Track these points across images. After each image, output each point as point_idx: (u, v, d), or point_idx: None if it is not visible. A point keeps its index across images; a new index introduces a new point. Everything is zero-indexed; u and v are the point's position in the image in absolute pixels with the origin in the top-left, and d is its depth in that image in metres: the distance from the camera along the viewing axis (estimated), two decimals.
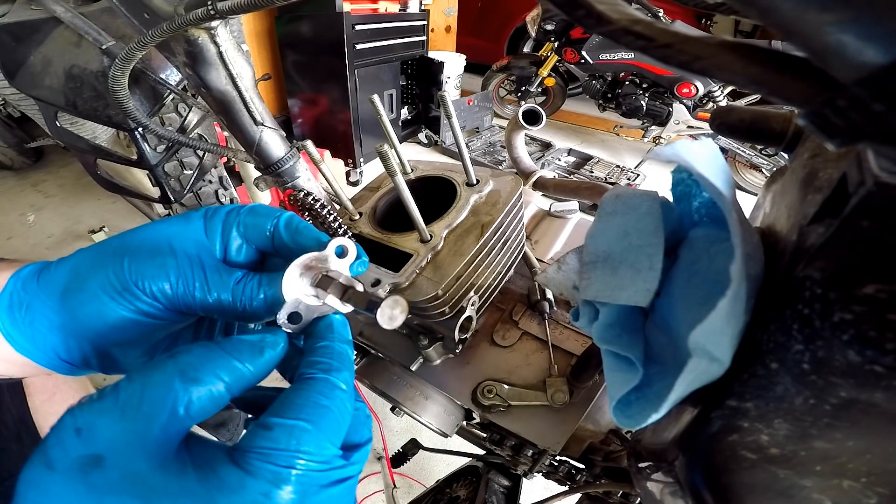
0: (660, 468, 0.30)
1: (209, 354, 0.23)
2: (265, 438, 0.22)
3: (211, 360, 0.23)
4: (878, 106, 0.12)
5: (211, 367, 0.23)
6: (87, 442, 0.20)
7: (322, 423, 0.23)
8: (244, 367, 0.24)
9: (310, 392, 0.24)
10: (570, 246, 0.70)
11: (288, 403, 0.23)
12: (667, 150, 0.24)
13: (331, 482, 0.23)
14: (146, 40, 0.44)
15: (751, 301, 0.21)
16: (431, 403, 0.56)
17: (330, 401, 0.24)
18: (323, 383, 0.25)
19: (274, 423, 0.22)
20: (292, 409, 0.23)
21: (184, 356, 0.23)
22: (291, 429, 0.22)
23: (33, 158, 2.59)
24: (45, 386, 0.74)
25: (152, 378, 0.22)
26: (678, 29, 0.17)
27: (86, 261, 0.28)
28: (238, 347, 0.25)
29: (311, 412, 0.23)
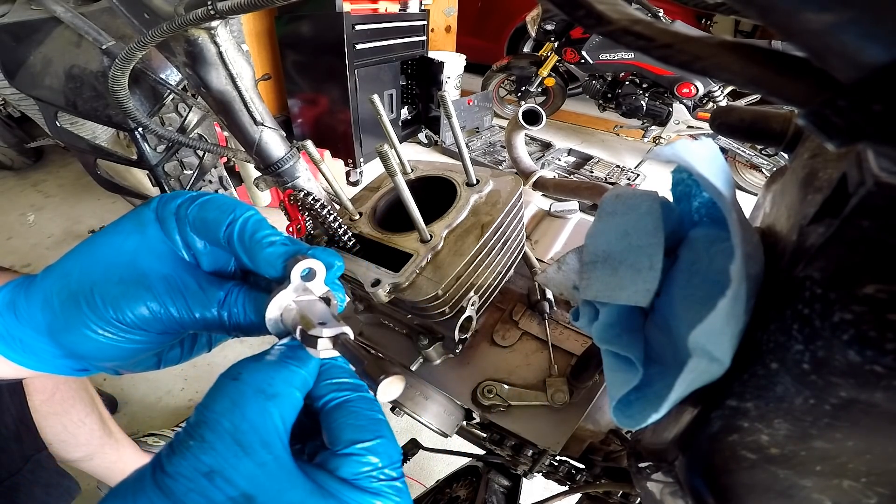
0: (660, 468, 0.30)
1: (275, 367, 0.24)
2: (364, 463, 0.24)
3: (280, 372, 0.24)
4: (878, 106, 0.12)
5: (284, 379, 0.24)
6: (225, 485, 0.20)
7: (387, 432, 0.26)
8: (304, 373, 0.25)
9: (361, 412, 0.26)
10: (570, 246, 0.70)
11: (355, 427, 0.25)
12: (667, 150, 0.24)
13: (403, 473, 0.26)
14: (146, 40, 0.44)
15: (751, 301, 0.21)
16: (431, 403, 0.56)
17: (377, 413, 0.26)
18: (360, 402, 0.26)
19: (361, 449, 0.24)
20: (362, 431, 0.25)
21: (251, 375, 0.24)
22: (375, 447, 0.24)
23: (33, 158, 2.59)
24: (45, 386, 0.74)
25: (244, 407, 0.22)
26: (678, 29, 0.17)
27: (57, 296, 0.27)
28: (294, 355, 0.26)
29: (376, 428, 0.25)
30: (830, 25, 0.11)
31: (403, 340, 0.59)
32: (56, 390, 0.76)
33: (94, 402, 0.87)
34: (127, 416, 1.33)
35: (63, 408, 0.78)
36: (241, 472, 0.20)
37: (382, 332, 0.61)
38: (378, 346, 0.60)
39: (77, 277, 0.27)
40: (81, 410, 0.82)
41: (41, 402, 0.73)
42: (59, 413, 0.77)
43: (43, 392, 0.73)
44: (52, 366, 0.30)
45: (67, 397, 0.78)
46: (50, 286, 0.28)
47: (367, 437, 0.25)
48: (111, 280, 0.27)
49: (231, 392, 0.23)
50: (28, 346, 0.28)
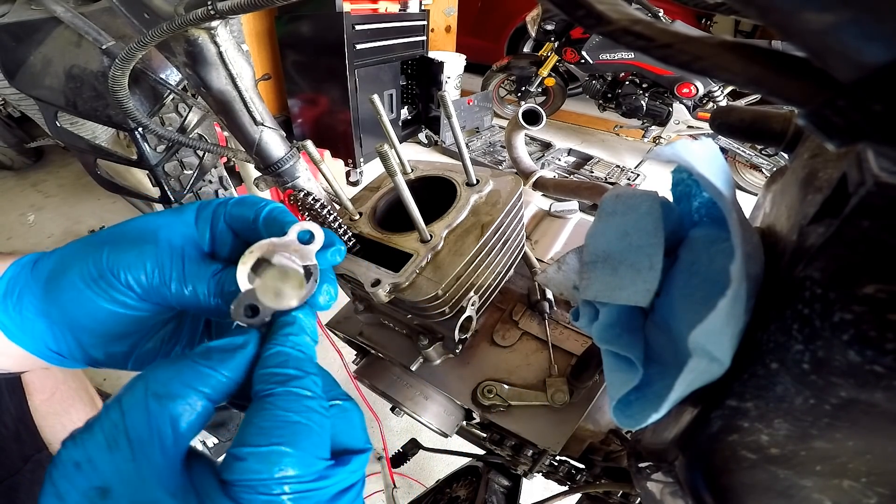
0: (660, 468, 0.30)
1: (179, 368, 0.23)
2: (245, 470, 0.21)
3: (181, 373, 0.23)
4: (878, 106, 0.12)
5: (183, 380, 0.22)
6: (88, 475, 0.20)
7: (298, 440, 0.22)
8: (219, 374, 0.23)
9: (273, 410, 0.22)
10: (570, 246, 0.70)
11: (254, 428, 0.22)
12: (667, 150, 0.24)
13: (333, 495, 0.23)
14: (146, 40, 0.44)
15: (751, 301, 0.21)
16: (431, 403, 0.56)
17: (298, 414, 0.23)
18: (284, 398, 0.23)
19: (247, 454, 0.21)
20: (261, 434, 0.22)
21: (152, 374, 0.22)
22: (267, 456, 0.21)
23: (33, 158, 2.59)
24: (45, 385, 0.74)
25: (128, 404, 0.21)
26: (678, 29, 0.17)
27: (72, 249, 0.28)
28: (207, 355, 0.24)
29: (282, 432, 0.22)
30: (830, 25, 0.11)
31: (403, 340, 0.59)
32: (56, 390, 0.76)
33: (94, 401, 0.87)
34: None
35: (63, 407, 0.78)
36: (108, 465, 0.20)
37: (382, 332, 0.61)
38: (378, 346, 0.60)
39: (102, 237, 0.28)
40: (81, 410, 0.82)
41: (41, 401, 0.73)
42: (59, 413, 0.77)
43: (42, 392, 0.73)
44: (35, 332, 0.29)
45: (67, 397, 0.78)
46: (76, 243, 0.29)
47: (259, 442, 0.21)
48: (125, 239, 0.28)
49: (129, 388, 0.22)
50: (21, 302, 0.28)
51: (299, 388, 0.24)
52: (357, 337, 0.61)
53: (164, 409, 0.21)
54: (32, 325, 0.28)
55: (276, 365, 0.24)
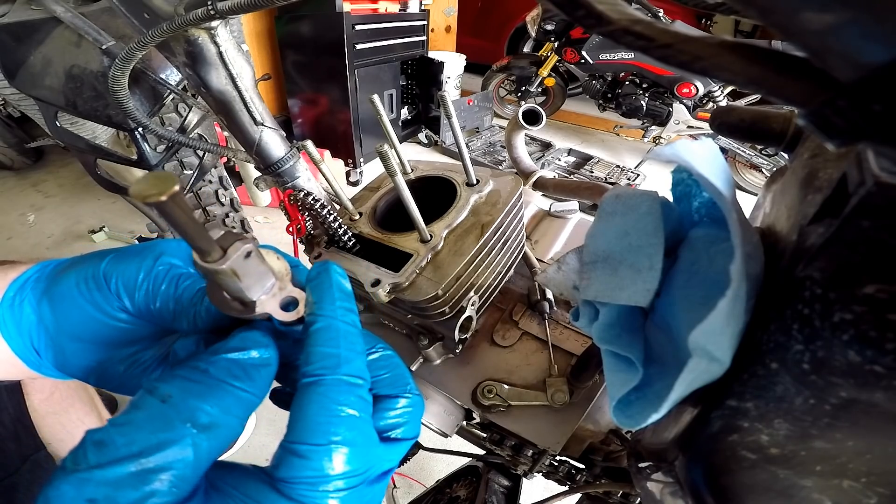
0: (660, 468, 0.30)
1: (213, 391, 0.21)
2: (304, 468, 0.20)
3: (218, 398, 0.21)
4: (878, 106, 0.12)
5: (221, 406, 0.20)
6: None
7: (354, 435, 0.21)
8: (248, 395, 0.22)
9: (327, 404, 0.21)
10: (570, 246, 0.70)
11: (309, 423, 0.21)
12: (667, 150, 0.24)
13: (372, 480, 0.23)
14: (146, 40, 0.44)
15: (751, 301, 0.21)
16: (431, 403, 0.56)
17: (351, 406, 0.22)
18: (335, 388, 0.22)
19: (306, 451, 0.20)
20: (318, 430, 0.21)
21: (183, 400, 0.20)
22: (326, 452, 0.20)
23: (33, 158, 2.59)
24: (44, 385, 0.74)
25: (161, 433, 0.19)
26: (678, 29, 0.17)
27: (88, 254, 0.28)
28: (236, 373, 0.22)
29: (337, 429, 0.21)
30: (830, 25, 0.11)
31: (403, 340, 0.59)
32: (55, 390, 0.76)
33: (93, 401, 0.87)
34: None
35: (62, 407, 0.78)
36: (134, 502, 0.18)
37: (382, 332, 0.61)
38: None
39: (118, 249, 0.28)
40: (80, 410, 0.82)
41: (40, 401, 0.73)
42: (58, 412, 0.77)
43: (41, 392, 0.73)
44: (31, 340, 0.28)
45: (66, 397, 0.78)
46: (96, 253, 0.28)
47: (316, 440, 0.21)
48: (130, 251, 0.27)
49: (154, 414, 0.19)
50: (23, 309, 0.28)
51: (350, 374, 0.22)
52: None
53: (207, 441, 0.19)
54: (26, 321, 0.28)
55: (325, 343, 0.23)
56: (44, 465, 0.68)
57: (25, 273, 0.29)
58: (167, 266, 0.27)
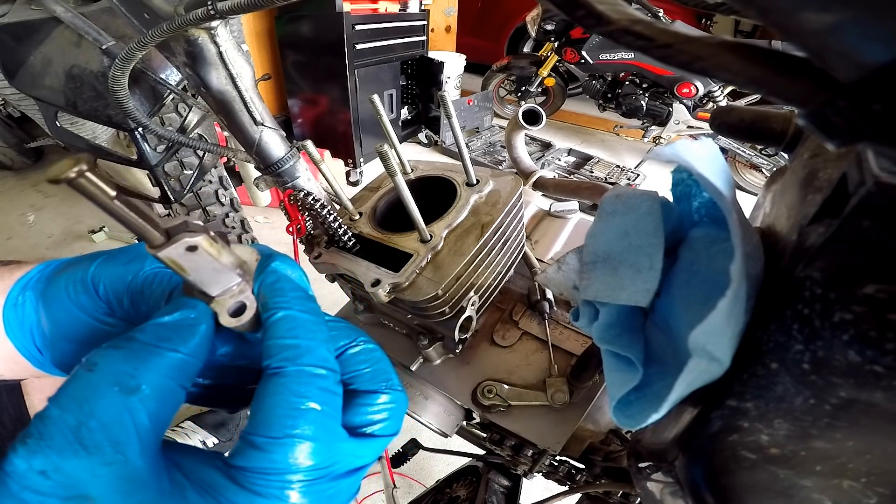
0: (660, 468, 0.30)
1: (140, 354, 0.20)
2: (261, 459, 0.20)
3: (146, 360, 0.20)
4: (878, 106, 0.12)
5: (150, 367, 0.20)
6: (61, 483, 0.18)
7: (314, 427, 0.21)
8: (180, 356, 0.21)
9: (287, 396, 0.21)
10: (570, 246, 0.70)
11: (268, 414, 0.21)
12: (667, 150, 0.24)
13: (338, 475, 0.22)
14: (146, 40, 0.44)
15: (751, 301, 0.21)
16: (431, 403, 0.56)
17: (312, 398, 0.21)
18: (296, 378, 0.21)
19: (263, 443, 0.20)
20: (276, 423, 0.20)
21: (109, 364, 0.20)
22: (282, 446, 0.20)
23: (33, 158, 2.59)
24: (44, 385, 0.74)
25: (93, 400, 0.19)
26: (678, 29, 0.17)
27: (83, 256, 0.29)
28: (163, 335, 0.21)
29: (297, 422, 0.20)
30: (830, 25, 0.11)
31: (403, 340, 0.59)
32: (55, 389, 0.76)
33: None
34: None
35: None
36: (83, 471, 0.18)
37: (382, 331, 0.61)
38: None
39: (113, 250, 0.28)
40: None
41: (40, 401, 0.73)
42: None
43: (42, 392, 0.73)
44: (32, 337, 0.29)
45: None
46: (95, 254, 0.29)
47: (273, 433, 0.20)
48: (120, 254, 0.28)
49: (83, 384, 0.19)
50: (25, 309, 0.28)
51: (312, 364, 0.22)
52: None
53: (140, 402, 0.19)
54: (28, 321, 0.28)
55: (284, 334, 0.22)
56: None
57: (29, 273, 0.29)
58: (154, 271, 0.27)
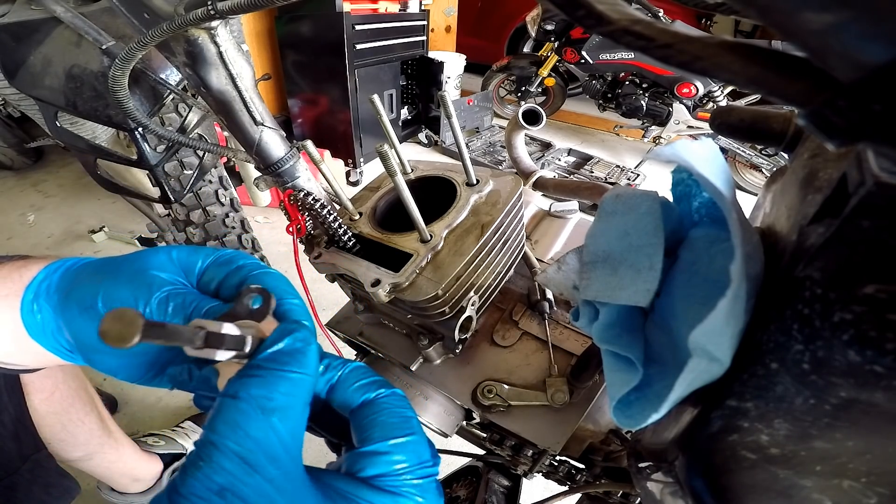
0: (660, 468, 0.30)
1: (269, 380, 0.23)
2: (391, 462, 0.25)
3: (275, 385, 0.23)
4: (878, 106, 0.12)
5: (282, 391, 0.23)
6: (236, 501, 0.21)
7: (417, 428, 0.27)
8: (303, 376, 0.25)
9: (393, 409, 0.27)
10: (570, 246, 0.70)
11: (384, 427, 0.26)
12: (667, 150, 0.24)
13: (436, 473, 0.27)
14: (146, 40, 0.44)
15: (751, 301, 0.21)
16: (431, 403, 0.56)
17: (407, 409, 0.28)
18: (392, 398, 0.28)
19: (391, 447, 0.25)
20: (394, 429, 0.26)
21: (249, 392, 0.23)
22: (403, 446, 0.25)
23: (33, 158, 2.59)
24: (44, 385, 0.74)
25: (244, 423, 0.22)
26: (678, 29, 0.17)
27: (85, 272, 0.30)
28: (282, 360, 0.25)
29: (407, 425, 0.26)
30: (830, 25, 0.11)
31: (403, 340, 0.59)
32: (55, 389, 0.76)
33: (94, 401, 0.87)
34: (127, 416, 1.33)
35: (62, 407, 0.78)
36: (252, 488, 0.21)
37: (382, 331, 0.61)
38: (378, 346, 0.60)
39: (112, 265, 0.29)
40: (80, 409, 0.82)
41: (40, 401, 0.73)
42: (59, 412, 0.77)
43: (42, 391, 0.73)
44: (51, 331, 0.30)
45: (66, 396, 0.78)
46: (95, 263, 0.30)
47: (394, 435, 0.26)
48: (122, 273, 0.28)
49: (231, 411, 0.22)
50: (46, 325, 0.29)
51: (396, 389, 0.29)
52: (357, 337, 0.61)
53: (281, 422, 0.23)
54: (48, 327, 0.30)
55: (364, 375, 0.29)
56: (44, 465, 0.68)
57: (37, 277, 0.30)
58: (165, 294, 0.28)
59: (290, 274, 0.41)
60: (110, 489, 1.02)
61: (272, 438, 0.22)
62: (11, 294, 0.30)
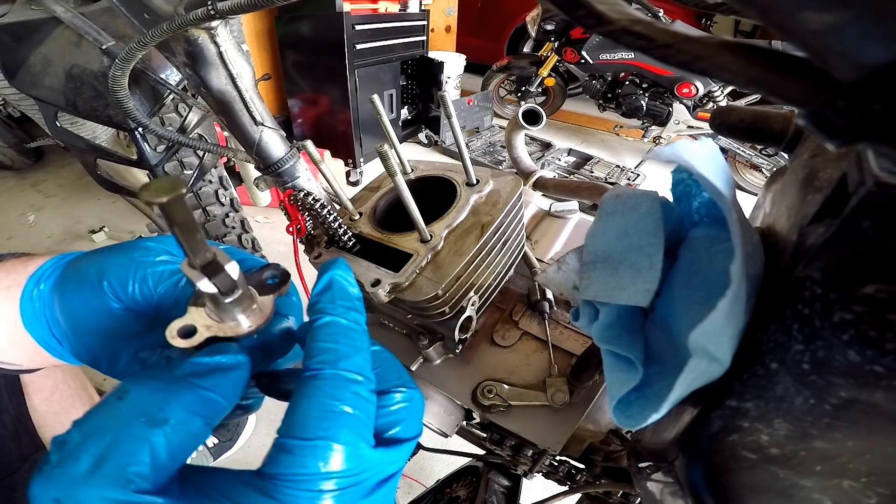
0: (660, 468, 0.30)
1: (175, 389, 0.20)
2: (291, 464, 0.20)
3: (179, 395, 0.20)
4: (878, 106, 0.12)
5: (182, 404, 0.20)
6: None
7: (345, 432, 0.21)
8: (213, 395, 0.21)
9: (321, 398, 0.21)
10: (570, 246, 0.70)
11: (300, 417, 0.21)
12: (667, 150, 0.24)
13: (372, 487, 0.22)
14: (146, 40, 0.44)
15: (751, 301, 0.21)
16: (431, 403, 0.56)
17: (345, 402, 0.21)
18: (331, 382, 0.21)
19: (294, 446, 0.20)
20: (309, 425, 0.20)
21: (139, 395, 0.20)
22: (314, 449, 0.20)
23: (33, 158, 2.59)
24: (44, 385, 0.74)
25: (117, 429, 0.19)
26: (678, 29, 0.17)
27: (88, 252, 0.30)
28: (196, 371, 0.21)
29: (330, 424, 0.20)
30: (830, 25, 0.11)
31: (403, 340, 0.59)
32: (55, 390, 0.76)
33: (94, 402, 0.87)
34: None
35: (62, 407, 0.78)
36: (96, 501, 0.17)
37: (382, 332, 0.61)
38: None
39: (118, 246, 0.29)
40: (81, 410, 0.82)
41: (40, 401, 0.73)
42: (59, 412, 0.77)
43: (42, 391, 0.73)
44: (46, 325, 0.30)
45: (67, 396, 0.78)
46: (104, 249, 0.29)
47: (305, 434, 0.20)
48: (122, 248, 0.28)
49: (111, 412, 0.19)
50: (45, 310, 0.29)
51: (349, 370, 0.22)
52: None
53: (164, 436, 0.19)
54: (44, 314, 0.29)
55: (325, 339, 0.23)
56: None
57: (42, 266, 0.30)
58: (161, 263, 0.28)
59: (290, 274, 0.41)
60: None
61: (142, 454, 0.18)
62: (14, 286, 0.30)
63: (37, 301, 0.29)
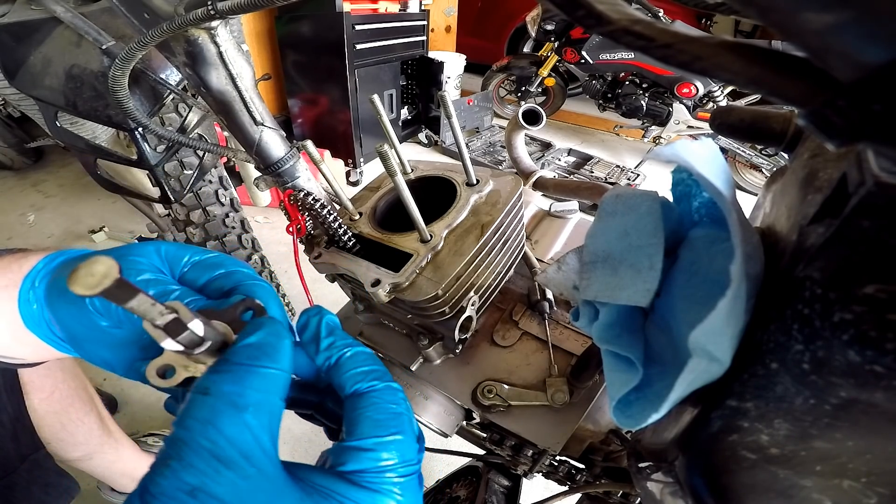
0: (660, 468, 0.30)
1: (240, 376, 0.23)
2: (373, 459, 0.25)
3: (246, 380, 0.23)
4: (878, 106, 0.12)
5: (254, 387, 0.23)
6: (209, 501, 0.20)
7: (406, 428, 0.26)
8: (277, 371, 0.24)
9: (382, 404, 0.27)
10: (570, 246, 0.70)
11: (371, 422, 0.26)
12: (667, 150, 0.24)
13: (418, 471, 0.27)
14: (146, 40, 0.44)
15: (751, 301, 0.21)
16: (431, 403, 0.56)
17: (399, 405, 0.27)
18: (386, 392, 0.27)
19: (374, 444, 0.25)
20: (380, 426, 0.26)
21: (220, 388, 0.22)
22: (388, 444, 0.25)
23: (33, 158, 2.59)
24: (44, 384, 0.74)
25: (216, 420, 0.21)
26: (678, 29, 0.17)
27: (74, 258, 0.30)
28: (251, 355, 0.24)
29: (395, 422, 0.26)
30: (830, 25, 0.11)
31: (403, 340, 0.59)
32: (55, 389, 0.76)
33: (93, 401, 0.87)
34: (127, 416, 1.33)
35: (62, 406, 0.78)
36: (225, 486, 0.20)
37: (382, 331, 0.61)
38: (378, 346, 0.60)
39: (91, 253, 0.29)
40: (80, 409, 0.82)
41: (40, 400, 0.73)
42: (58, 412, 0.77)
43: (41, 391, 0.73)
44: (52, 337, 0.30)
45: (66, 396, 0.78)
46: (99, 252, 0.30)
47: (379, 433, 0.25)
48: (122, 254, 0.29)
49: (202, 408, 0.22)
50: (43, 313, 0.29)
51: (392, 382, 0.28)
52: (357, 337, 0.61)
53: (255, 418, 0.22)
54: (42, 317, 0.30)
55: (364, 363, 0.28)
56: (42, 465, 0.68)
57: (35, 266, 0.30)
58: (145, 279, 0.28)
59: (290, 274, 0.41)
60: (110, 489, 1.02)
61: (246, 435, 0.21)
62: (10, 285, 0.30)
63: (33, 303, 0.29)
